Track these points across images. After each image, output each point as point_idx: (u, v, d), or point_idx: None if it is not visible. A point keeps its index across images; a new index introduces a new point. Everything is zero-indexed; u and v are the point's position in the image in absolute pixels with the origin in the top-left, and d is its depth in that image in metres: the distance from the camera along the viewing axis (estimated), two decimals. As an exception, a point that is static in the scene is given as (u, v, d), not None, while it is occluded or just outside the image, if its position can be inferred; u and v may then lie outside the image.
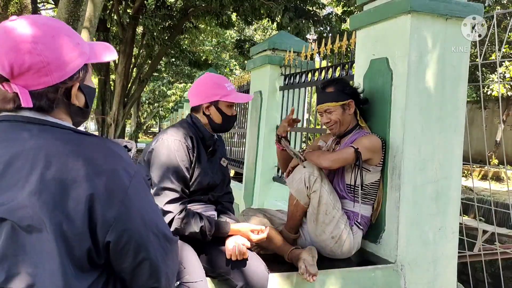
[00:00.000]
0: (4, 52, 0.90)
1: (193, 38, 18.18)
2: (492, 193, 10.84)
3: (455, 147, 2.44)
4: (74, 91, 0.99)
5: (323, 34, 12.92)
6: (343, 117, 2.37)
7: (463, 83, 2.46)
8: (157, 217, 1.00)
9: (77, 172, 0.88)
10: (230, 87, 2.08)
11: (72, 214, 0.87)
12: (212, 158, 2.14)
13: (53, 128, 0.94)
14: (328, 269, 2.20)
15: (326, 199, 2.22)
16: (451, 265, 2.47)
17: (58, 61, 0.93)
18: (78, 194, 0.87)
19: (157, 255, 0.97)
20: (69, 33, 0.98)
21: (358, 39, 2.75)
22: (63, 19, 3.78)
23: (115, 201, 0.90)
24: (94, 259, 0.91)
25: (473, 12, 2.42)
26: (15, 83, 0.91)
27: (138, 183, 0.96)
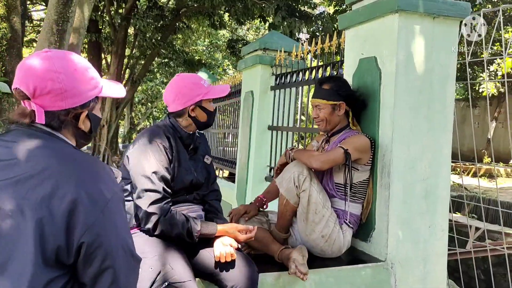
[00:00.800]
0: (32, 76, 1.09)
1: (185, 38, 18.18)
2: (485, 190, 10.92)
3: (443, 145, 2.45)
4: (82, 117, 1.18)
5: (316, 33, 12.97)
6: (330, 117, 2.38)
7: (451, 81, 2.47)
8: (128, 235, 1.12)
9: (68, 179, 1.02)
10: (206, 83, 2.08)
11: (55, 212, 0.98)
12: (195, 156, 2.14)
13: (57, 140, 1.12)
14: (319, 268, 2.21)
15: (316, 198, 2.23)
16: (441, 262, 2.48)
17: (74, 90, 1.13)
18: (64, 196, 1.00)
19: (121, 267, 1.06)
20: (88, 69, 1.18)
21: (347, 38, 2.76)
22: (52, 20, 3.77)
23: (95, 210, 1.02)
24: (62, 258, 1.00)
25: (461, 11, 2.44)
26: (34, 102, 1.10)
27: (117, 200, 1.09)
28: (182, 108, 2.04)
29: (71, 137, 1.18)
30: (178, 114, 2.07)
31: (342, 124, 2.42)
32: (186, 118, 2.06)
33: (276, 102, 4.26)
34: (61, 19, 3.78)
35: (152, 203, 1.86)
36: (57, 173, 1.03)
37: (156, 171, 1.89)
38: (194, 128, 2.11)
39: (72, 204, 0.99)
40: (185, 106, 2.03)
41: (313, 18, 11.65)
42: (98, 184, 1.06)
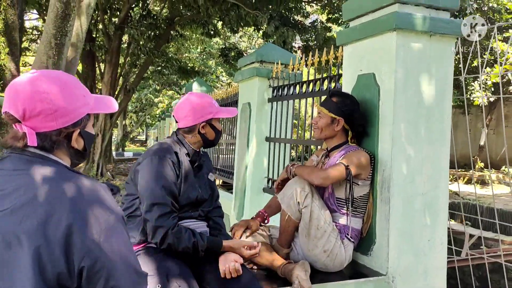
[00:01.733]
0: (21, 98, 1.08)
1: (178, 45, 18.21)
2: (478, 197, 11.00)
3: (442, 159, 2.50)
4: (74, 136, 1.16)
5: (308, 42, 13.05)
6: (326, 128, 2.43)
7: (448, 96, 2.53)
8: (130, 252, 1.10)
9: (62, 204, 1.01)
10: (216, 103, 2.17)
11: (51, 239, 0.97)
12: (199, 173, 2.18)
13: (50, 163, 1.10)
14: (321, 283, 2.23)
15: (318, 214, 2.26)
16: (441, 275, 2.52)
17: (64, 110, 1.11)
18: (59, 222, 0.98)
19: (126, 285, 1.05)
20: (77, 86, 1.17)
21: (345, 54, 2.81)
22: (50, 34, 3.79)
23: (91, 233, 1.01)
24: (65, 283, 0.99)
25: (456, 29, 2.50)
26: (25, 125, 1.08)
27: (115, 220, 1.07)
28: (193, 124, 2.09)
29: (65, 156, 1.17)
30: (188, 131, 2.12)
31: (341, 140, 2.46)
32: (195, 134, 2.11)
33: (273, 114, 4.30)
34: (59, 33, 3.80)
35: (160, 217, 1.89)
36: (51, 199, 1.01)
37: (165, 186, 1.93)
38: (200, 145, 2.16)
39: (67, 230, 0.98)
40: (197, 123, 2.09)
41: (306, 27, 11.75)
42: (92, 207, 1.05)
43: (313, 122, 2.51)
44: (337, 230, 2.34)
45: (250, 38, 23.42)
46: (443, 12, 2.49)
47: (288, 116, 4.10)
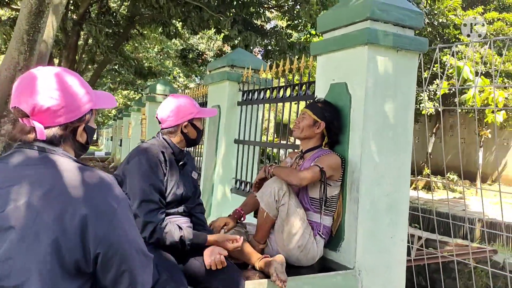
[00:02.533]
0: (30, 94, 1.13)
1: (137, 44, 17.95)
2: (425, 202, 11.63)
3: (404, 164, 2.75)
4: (80, 130, 1.23)
5: (268, 47, 13.30)
6: (307, 129, 2.63)
7: (411, 107, 2.78)
8: (138, 236, 1.19)
9: (75, 196, 1.08)
10: (197, 104, 2.29)
11: (68, 230, 1.05)
12: (183, 171, 2.29)
13: (59, 157, 1.16)
14: (295, 276, 2.40)
15: (293, 212, 2.43)
16: (401, 270, 2.76)
17: (71, 106, 1.17)
18: (74, 213, 1.06)
19: (137, 267, 1.15)
20: (81, 84, 1.21)
21: (318, 64, 3.01)
22: (23, 30, 3.75)
23: (105, 221, 1.09)
24: (82, 268, 1.07)
25: (420, 45, 2.75)
26: (34, 119, 1.14)
27: (124, 207, 1.15)
28: (176, 124, 2.20)
29: (70, 149, 1.22)
30: (172, 131, 2.22)
31: (316, 143, 2.66)
32: (178, 134, 2.22)
33: (242, 117, 4.45)
34: (32, 30, 3.77)
35: (148, 212, 1.99)
36: (65, 192, 1.07)
37: (153, 184, 2.03)
38: (184, 145, 2.27)
39: (82, 220, 1.05)
40: (179, 123, 2.20)
41: (267, 32, 11.97)
42: (104, 196, 1.12)
43: (295, 122, 2.69)
44: (310, 227, 2.52)
45: (209, 40, 23.42)
46: (408, 29, 2.74)
47: (258, 119, 4.26)
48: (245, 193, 4.15)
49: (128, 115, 12.13)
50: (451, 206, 11.42)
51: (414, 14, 2.71)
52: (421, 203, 11.28)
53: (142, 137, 8.59)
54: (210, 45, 24.20)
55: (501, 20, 14.07)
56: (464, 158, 17.17)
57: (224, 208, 4.48)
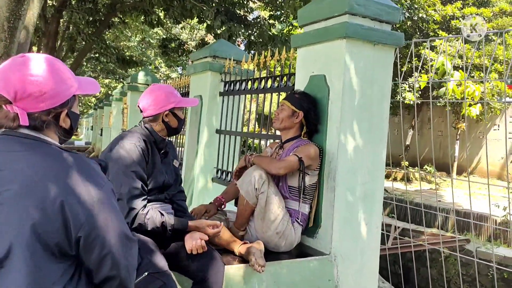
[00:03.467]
0: (12, 81, 1.15)
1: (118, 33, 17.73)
2: (402, 193, 11.89)
3: (380, 154, 2.85)
4: (62, 116, 1.24)
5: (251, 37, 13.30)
6: (287, 119, 2.72)
7: (386, 100, 2.88)
8: (121, 221, 1.22)
9: (57, 180, 1.11)
10: (178, 93, 2.34)
11: (49, 214, 1.09)
12: (165, 160, 2.35)
13: (42, 144, 1.18)
14: (273, 261, 2.49)
15: (272, 199, 2.52)
16: (375, 256, 2.88)
17: (52, 91, 1.18)
18: (55, 197, 1.09)
19: (119, 250, 1.18)
20: (63, 70, 1.23)
21: (299, 56, 3.08)
22: (3, 17, 3.73)
23: (85, 206, 1.13)
24: (66, 250, 1.12)
25: (396, 40, 2.85)
26: (16, 106, 1.16)
27: (106, 192, 1.19)
28: (157, 113, 2.25)
29: (54, 135, 1.23)
30: (153, 119, 2.27)
31: (295, 133, 2.74)
32: (159, 123, 2.27)
33: (224, 108, 4.50)
34: (13, 17, 3.75)
35: (131, 198, 2.04)
36: (46, 177, 1.10)
37: (135, 171, 2.08)
38: (165, 134, 2.32)
39: (62, 206, 1.09)
40: (160, 112, 2.25)
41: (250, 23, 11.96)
42: (85, 182, 1.13)
43: (275, 113, 2.76)
44: (288, 214, 2.61)
45: (192, 30, 23.27)
46: (385, 24, 2.83)
47: (240, 110, 4.33)
48: (226, 182, 4.22)
49: (109, 104, 12.03)
50: (428, 197, 11.71)
51: (391, 9, 2.80)
52: (398, 194, 11.53)
53: (123, 127, 8.56)
54: (193, 35, 24.06)
55: (479, 15, 14.35)
56: (441, 150, 17.56)
57: (205, 196, 4.55)
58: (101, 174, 1.21)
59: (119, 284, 1.20)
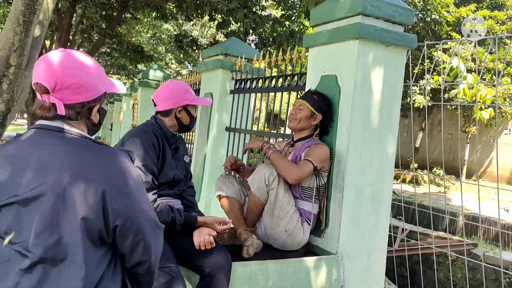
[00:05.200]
0: (53, 72, 1.22)
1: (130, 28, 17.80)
2: (410, 195, 11.84)
3: (389, 155, 2.85)
4: (95, 110, 1.33)
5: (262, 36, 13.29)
6: (305, 120, 2.70)
7: (397, 101, 2.88)
8: (150, 209, 1.32)
9: (94, 173, 1.18)
10: (193, 91, 2.37)
11: (91, 204, 1.16)
12: (176, 155, 2.38)
13: (76, 137, 1.25)
14: (280, 259, 2.51)
15: (282, 196, 2.53)
16: (382, 256, 2.88)
17: (89, 85, 1.27)
18: (95, 189, 1.17)
19: (150, 237, 1.27)
20: (98, 67, 1.33)
21: (310, 55, 3.09)
22: (19, 11, 3.77)
23: (122, 196, 1.20)
24: (104, 238, 1.21)
25: (408, 42, 2.84)
26: (54, 96, 1.23)
27: (138, 182, 1.28)
28: (171, 108, 2.28)
29: (84, 128, 1.31)
30: (165, 114, 2.30)
31: (309, 133, 2.75)
32: (172, 118, 2.30)
33: (234, 105, 4.52)
34: (28, 11, 3.79)
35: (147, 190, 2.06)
36: (86, 170, 1.17)
37: (146, 165, 2.11)
38: (176, 129, 2.35)
39: (103, 195, 1.16)
40: (174, 107, 2.28)
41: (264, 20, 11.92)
42: (121, 173, 1.22)
43: (291, 113, 2.76)
44: (299, 214, 2.62)
45: (202, 27, 23.30)
46: (398, 26, 2.83)
47: (249, 108, 4.35)
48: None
49: (120, 99, 12.11)
50: (436, 200, 11.65)
51: (404, 11, 2.80)
52: (406, 196, 11.48)
53: (133, 122, 8.62)
54: (204, 32, 24.08)
55: (492, 18, 14.23)
56: (451, 154, 17.45)
57: (213, 194, 4.57)
58: (131, 165, 1.28)
59: (148, 268, 1.29)
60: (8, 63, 3.84)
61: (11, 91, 3.93)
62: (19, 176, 1.17)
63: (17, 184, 1.17)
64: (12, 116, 4.07)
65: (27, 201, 1.15)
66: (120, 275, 1.27)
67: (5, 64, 3.84)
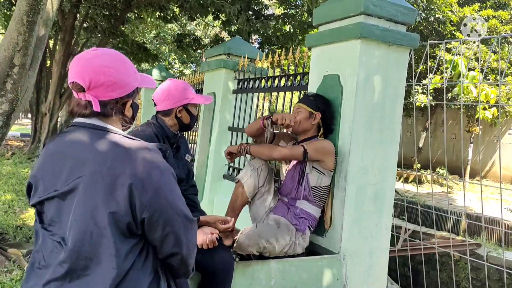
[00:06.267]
0: (87, 71, 1.27)
1: (133, 28, 17.84)
2: (414, 195, 11.82)
3: (391, 155, 2.85)
4: (128, 105, 1.37)
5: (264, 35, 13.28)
6: (305, 121, 2.70)
7: (400, 100, 2.88)
8: (181, 202, 1.31)
9: (123, 168, 1.21)
10: (193, 89, 2.36)
11: (119, 199, 1.19)
12: (177, 154, 2.39)
13: (109, 133, 1.30)
14: (282, 258, 2.52)
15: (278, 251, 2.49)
16: (384, 256, 2.88)
17: (122, 82, 1.32)
18: (123, 183, 1.20)
19: (180, 230, 1.28)
20: (129, 64, 1.37)
21: (313, 55, 3.09)
22: (23, 11, 3.80)
23: (149, 190, 1.22)
24: (133, 230, 1.23)
25: (411, 41, 2.85)
26: (89, 93, 1.28)
27: (167, 176, 1.28)
28: (171, 107, 2.28)
29: (118, 123, 1.36)
30: (166, 113, 2.30)
31: (312, 134, 2.74)
32: (172, 118, 2.30)
33: (237, 105, 4.53)
34: (32, 11, 3.81)
35: None
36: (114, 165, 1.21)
37: None
38: (177, 129, 2.35)
39: (129, 190, 1.19)
40: (174, 107, 2.28)
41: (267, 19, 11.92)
42: (149, 167, 1.23)
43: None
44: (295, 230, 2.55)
45: (206, 27, 23.32)
46: (401, 25, 2.83)
47: (252, 108, 4.35)
48: (237, 179, 4.25)
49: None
50: (439, 199, 11.63)
51: (406, 10, 2.80)
52: (410, 196, 11.47)
53: (136, 122, 8.65)
54: (207, 32, 24.09)
55: (496, 18, 14.18)
56: (454, 153, 17.40)
57: (215, 193, 4.59)
58: (161, 159, 1.30)
59: (181, 259, 1.31)
60: (12, 63, 3.87)
61: (15, 90, 3.95)
62: (59, 171, 1.25)
63: (57, 179, 1.25)
64: (16, 115, 4.09)
65: (65, 195, 1.23)
66: (151, 266, 1.30)
67: (9, 64, 3.86)
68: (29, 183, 1.34)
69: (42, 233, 1.29)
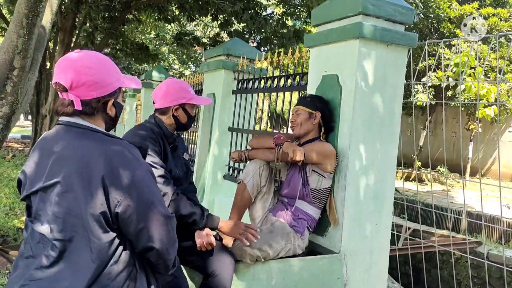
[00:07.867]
0: (70, 71, 1.34)
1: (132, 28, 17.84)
2: (414, 193, 11.82)
3: (390, 154, 2.86)
4: (109, 104, 1.43)
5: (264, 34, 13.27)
6: (305, 122, 2.70)
7: (399, 100, 2.88)
8: (156, 198, 1.36)
9: (99, 164, 1.28)
10: (192, 90, 2.37)
11: (95, 194, 1.27)
12: (175, 153, 2.39)
13: (91, 131, 1.37)
14: (283, 258, 2.52)
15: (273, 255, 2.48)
16: (384, 255, 2.89)
17: (103, 82, 1.39)
18: (98, 173, 1.27)
19: (153, 225, 1.33)
20: (111, 64, 1.44)
21: (311, 55, 3.10)
22: (22, 14, 3.80)
23: (122, 186, 1.29)
24: (110, 223, 1.29)
25: (409, 41, 2.85)
26: (72, 93, 1.35)
27: (141, 173, 1.34)
28: (168, 106, 2.30)
29: (101, 122, 1.43)
30: (163, 112, 2.32)
31: (314, 135, 2.74)
32: (169, 116, 2.32)
33: (237, 105, 4.54)
34: (31, 14, 3.82)
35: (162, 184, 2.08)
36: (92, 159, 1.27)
37: (156, 162, 2.12)
38: (174, 128, 2.36)
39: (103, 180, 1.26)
40: (171, 105, 2.29)
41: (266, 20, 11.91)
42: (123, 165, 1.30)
43: (291, 121, 2.77)
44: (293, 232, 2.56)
45: (205, 27, 23.30)
46: (399, 25, 2.84)
47: (252, 108, 4.36)
48: (237, 180, 4.25)
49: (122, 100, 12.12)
50: (440, 198, 11.63)
51: (405, 10, 2.81)
52: (410, 195, 11.47)
53: (137, 123, 8.65)
54: (206, 32, 24.08)
55: (496, 15, 14.18)
56: (454, 152, 17.40)
57: (216, 193, 4.60)
58: (138, 157, 1.37)
59: (157, 255, 1.35)
60: (12, 65, 3.87)
61: (15, 93, 3.96)
62: (43, 167, 1.33)
63: (41, 175, 1.32)
64: (17, 118, 4.10)
65: (46, 189, 1.30)
66: (129, 259, 1.34)
67: (9, 67, 3.87)
68: (19, 178, 1.42)
69: (30, 226, 1.36)
